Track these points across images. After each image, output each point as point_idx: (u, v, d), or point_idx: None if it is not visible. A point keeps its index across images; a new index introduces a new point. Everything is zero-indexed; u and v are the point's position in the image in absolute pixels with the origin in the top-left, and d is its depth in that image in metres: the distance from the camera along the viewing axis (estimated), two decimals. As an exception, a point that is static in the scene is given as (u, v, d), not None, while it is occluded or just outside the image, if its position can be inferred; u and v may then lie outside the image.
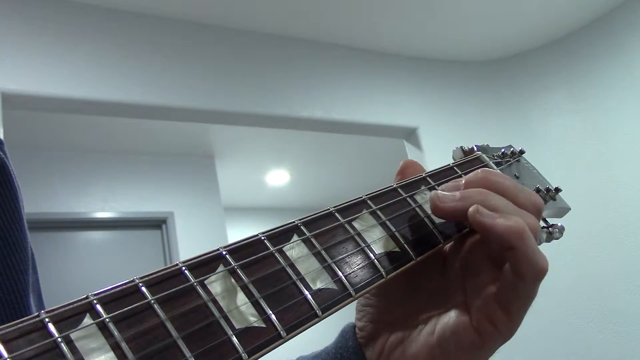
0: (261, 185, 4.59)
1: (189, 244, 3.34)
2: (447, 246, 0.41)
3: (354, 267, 0.33)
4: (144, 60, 2.43)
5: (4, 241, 0.43)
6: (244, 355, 0.26)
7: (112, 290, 0.25)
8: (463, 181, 0.38)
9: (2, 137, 0.50)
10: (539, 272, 0.34)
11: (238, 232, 4.04)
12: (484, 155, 0.47)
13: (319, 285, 0.31)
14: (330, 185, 4.66)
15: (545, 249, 0.44)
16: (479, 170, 0.38)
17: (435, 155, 2.85)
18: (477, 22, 2.92)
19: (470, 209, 0.34)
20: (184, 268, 0.27)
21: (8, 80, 2.07)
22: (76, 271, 3.07)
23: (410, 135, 3.00)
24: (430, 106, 3.10)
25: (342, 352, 0.41)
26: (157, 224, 3.44)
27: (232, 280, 0.28)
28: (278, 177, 4.51)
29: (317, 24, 2.81)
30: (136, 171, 3.50)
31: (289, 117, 2.69)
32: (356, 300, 0.33)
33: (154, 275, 0.26)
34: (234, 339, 0.26)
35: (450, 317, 0.36)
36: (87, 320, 0.23)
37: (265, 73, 2.72)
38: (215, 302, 0.27)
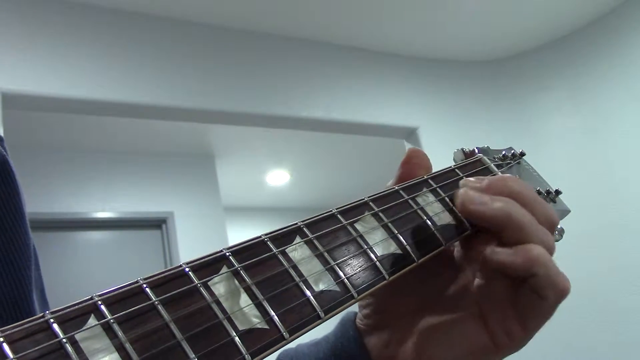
0: (261, 185, 4.59)
1: (189, 244, 3.34)
2: (455, 247, 0.41)
3: (356, 269, 0.33)
4: (144, 61, 2.44)
5: (6, 238, 0.43)
6: (247, 357, 0.26)
7: (117, 291, 0.25)
8: (485, 182, 0.37)
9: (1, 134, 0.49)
10: (561, 293, 0.34)
11: (238, 232, 4.04)
12: (485, 158, 0.47)
13: (321, 287, 0.31)
14: (330, 185, 4.66)
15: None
16: (504, 176, 0.38)
17: (435, 155, 2.79)
18: (477, 22, 2.92)
19: (487, 251, 0.35)
20: (187, 269, 0.28)
21: (8, 80, 2.07)
22: (76, 271, 3.07)
23: (410, 135, 3.00)
24: (430, 106, 3.10)
25: (342, 341, 0.41)
26: (157, 224, 3.44)
27: (236, 281, 0.29)
28: (278, 177, 4.52)
29: (317, 24, 2.81)
30: (136, 171, 3.50)
31: (289, 117, 2.69)
32: None
33: (158, 277, 0.26)
34: (238, 340, 0.26)
35: (466, 324, 0.37)
36: (92, 321, 0.24)
37: (265, 73, 2.72)
38: (218, 303, 0.27)
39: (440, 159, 0.61)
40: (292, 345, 0.45)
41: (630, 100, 2.82)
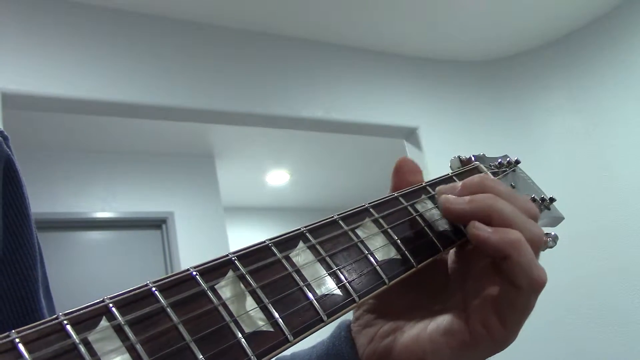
0: (261, 185, 4.59)
1: (189, 244, 3.34)
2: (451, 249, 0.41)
3: (358, 273, 0.34)
4: (144, 60, 2.44)
5: (14, 237, 0.44)
6: (253, 358, 0.27)
7: (127, 294, 0.26)
8: (460, 184, 0.38)
9: (5, 132, 0.50)
10: (535, 283, 0.34)
11: (238, 232, 4.05)
12: (481, 165, 0.48)
13: (324, 290, 0.32)
14: (330, 185, 4.66)
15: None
16: (476, 176, 0.39)
17: (435, 155, 2.86)
18: (477, 22, 2.93)
19: (469, 224, 0.35)
20: (194, 273, 0.28)
21: (8, 80, 2.07)
22: (76, 271, 3.07)
23: (410, 135, 3.01)
24: (430, 106, 3.10)
25: (335, 341, 0.43)
26: (157, 224, 3.44)
27: (241, 285, 0.29)
28: (278, 177, 4.52)
29: (317, 24, 2.82)
30: (136, 171, 3.50)
31: (289, 117, 2.69)
32: None
33: (167, 280, 0.27)
34: (244, 342, 0.27)
35: (447, 315, 0.37)
36: (104, 322, 0.24)
37: (265, 73, 2.73)
38: (225, 306, 0.28)
39: (440, 159, 0.61)
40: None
41: (630, 100, 2.83)
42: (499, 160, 0.50)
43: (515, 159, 0.51)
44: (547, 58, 3.15)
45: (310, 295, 0.31)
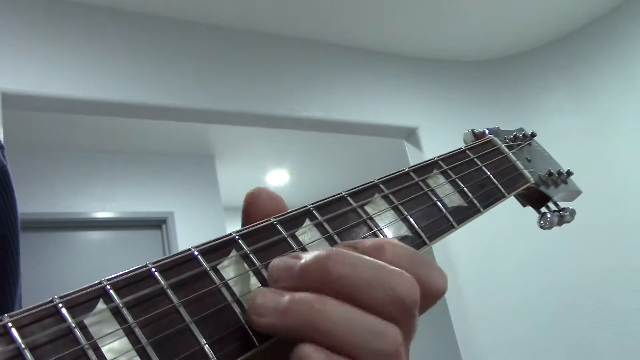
0: (261, 185, 4.59)
1: (189, 244, 3.27)
2: None
3: None
4: (144, 61, 2.43)
5: (4, 253, 0.43)
6: (256, 340, 0.26)
7: (125, 275, 0.25)
8: (297, 266, 0.26)
9: (2, 141, 0.49)
10: None
11: (238, 233, 4.02)
12: (495, 139, 0.46)
13: None
14: (330, 185, 4.64)
15: (545, 248, 0.44)
16: (321, 256, 0.26)
17: (435, 155, 2.85)
18: (477, 21, 2.93)
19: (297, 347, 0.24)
20: (196, 253, 0.28)
21: (8, 80, 2.06)
22: (76, 271, 3.06)
23: (410, 135, 3.00)
24: (430, 106, 3.10)
25: None
26: (157, 224, 3.43)
27: (245, 265, 0.28)
28: (278, 177, 4.52)
29: (317, 24, 2.81)
30: (136, 171, 3.50)
31: (289, 117, 2.69)
32: None
33: (167, 260, 0.26)
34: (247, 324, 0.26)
35: None
36: (101, 305, 0.24)
37: (265, 73, 2.72)
38: (228, 287, 0.27)
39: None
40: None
41: (630, 101, 2.82)
42: (514, 133, 0.48)
43: (531, 132, 0.49)
44: (547, 58, 3.15)
45: None
